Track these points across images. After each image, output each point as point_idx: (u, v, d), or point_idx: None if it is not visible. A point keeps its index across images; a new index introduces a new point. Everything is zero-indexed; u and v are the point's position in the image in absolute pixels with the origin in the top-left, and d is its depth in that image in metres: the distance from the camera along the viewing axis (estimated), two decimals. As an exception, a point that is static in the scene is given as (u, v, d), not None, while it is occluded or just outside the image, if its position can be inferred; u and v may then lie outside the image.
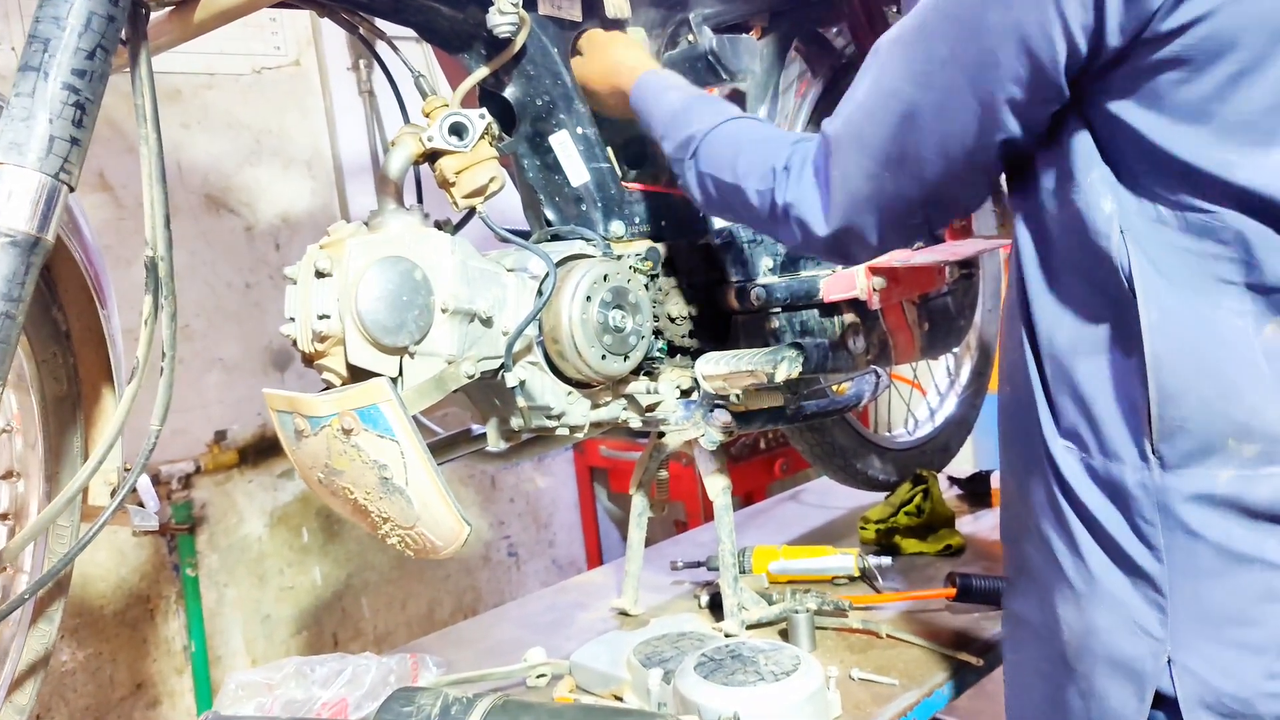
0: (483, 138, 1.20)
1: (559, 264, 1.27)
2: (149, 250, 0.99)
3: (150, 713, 2.40)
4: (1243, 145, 0.78)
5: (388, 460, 1.09)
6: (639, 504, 1.57)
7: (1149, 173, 0.82)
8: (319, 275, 1.12)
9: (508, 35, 1.21)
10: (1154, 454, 0.84)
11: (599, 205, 1.36)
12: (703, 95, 1.24)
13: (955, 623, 1.47)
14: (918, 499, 1.83)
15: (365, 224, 1.19)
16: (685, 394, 1.39)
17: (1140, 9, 0.76)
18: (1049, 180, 0.90)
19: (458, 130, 1.18)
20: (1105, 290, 0.86)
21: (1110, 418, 0.88)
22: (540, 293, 1.24)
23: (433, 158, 1.21)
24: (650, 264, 1.38)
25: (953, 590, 1.50)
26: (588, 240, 1.34)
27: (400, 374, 1.15)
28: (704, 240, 1.45)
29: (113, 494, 1.13)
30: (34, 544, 1.11)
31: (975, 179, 0.95)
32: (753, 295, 1.44)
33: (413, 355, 1.15)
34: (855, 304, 1.47)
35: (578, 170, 1.35)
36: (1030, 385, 0.93)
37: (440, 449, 1.43)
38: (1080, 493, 0.90)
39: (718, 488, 1.45)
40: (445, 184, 1.22)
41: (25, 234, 0.86)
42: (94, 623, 2.29)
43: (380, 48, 1.29)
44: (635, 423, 1.39)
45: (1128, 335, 0.85)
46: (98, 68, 0.91)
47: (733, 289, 1.46)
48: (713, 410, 1.40)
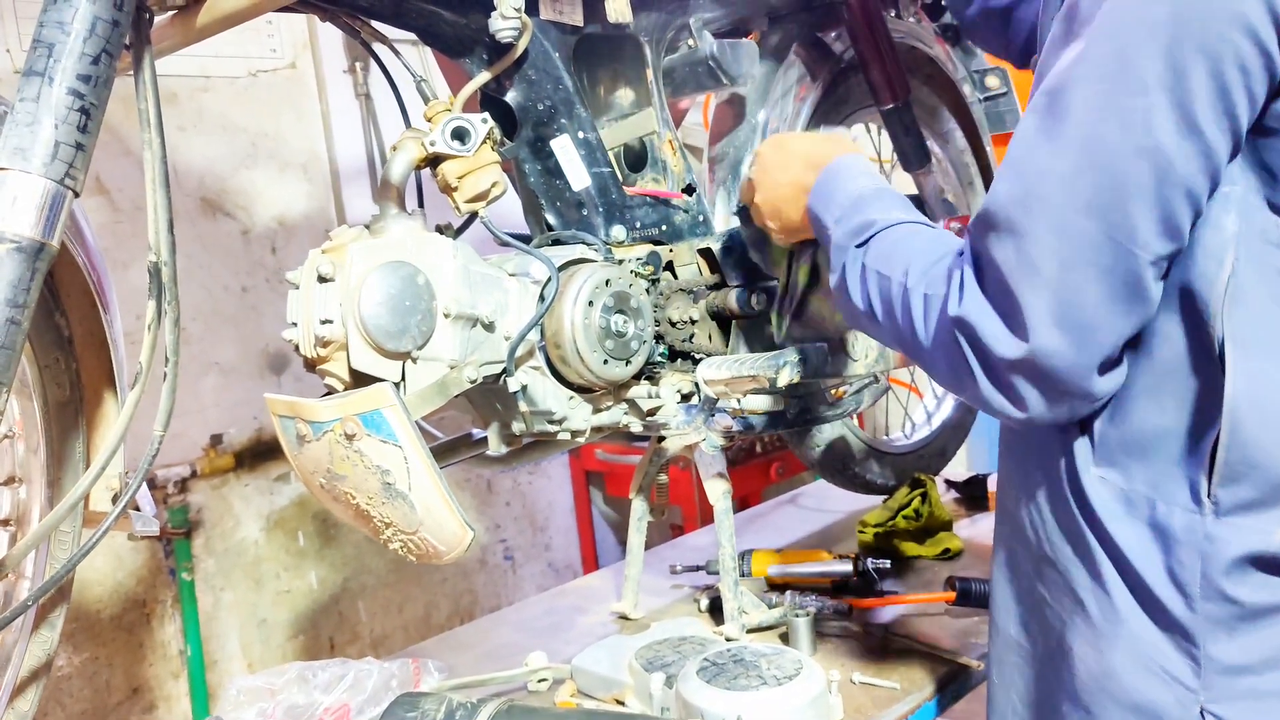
0: (485, 142, 1.20)
1: (560, 269, 1.27)
2: (152, 255, 0.99)
3: (146, 717, 2.39)
4: None
5: (390, 465, 1.09)
6: (639, 508, 1.57)
7: None
8: (321, 280, 1.12)
9: (510, 40, 1.20)
10: (1209, 497, 0.80)
11: (600, 210, 1.36)
12: (897, 192, 1.08)
13: (955, 626, 1.47)
14: (915, 503, 1.83)
15: (367, 228, 1.19)
16: (686, 398, 1.39)
17: None
18: None
19: (460, 135, 1.18)
20: (1188, 316, 0.81)
21: (1165, 452, 0.83)
22: (542, 298, 1.24)
23: (434, 162, 1.20)
24: (651, 268, 1.38)
25: (952, 594, 1.51)
26: (589, 245, 1.34)
27: (403, 379, 1.15)
28: (705, 245, 1.45)
29: (114, 500, 1.13)
30: (35, 550, 1.11)
31: (1190, 208, 0.79)
32: (753, 300, 1.44)
33: (415, 360, 1.15)
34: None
35: (579, 175, 1.35)
36: None
37: (441, 453, 1.43)
38: (1111, 527, 0.85)
39: (718, 492, 1.45)
40: (447, 189, 1.22)
41: (31, 240, 0.86)
42: (90, 627, 2.29)
43: (381, 52, 1.29)
44: (636, 427, 1.39)
45: (1205, 366, 0.80)
46: (102, 73, 0.90)
47: (733, 293, 1.46)
48: (713, 414, 1.40)
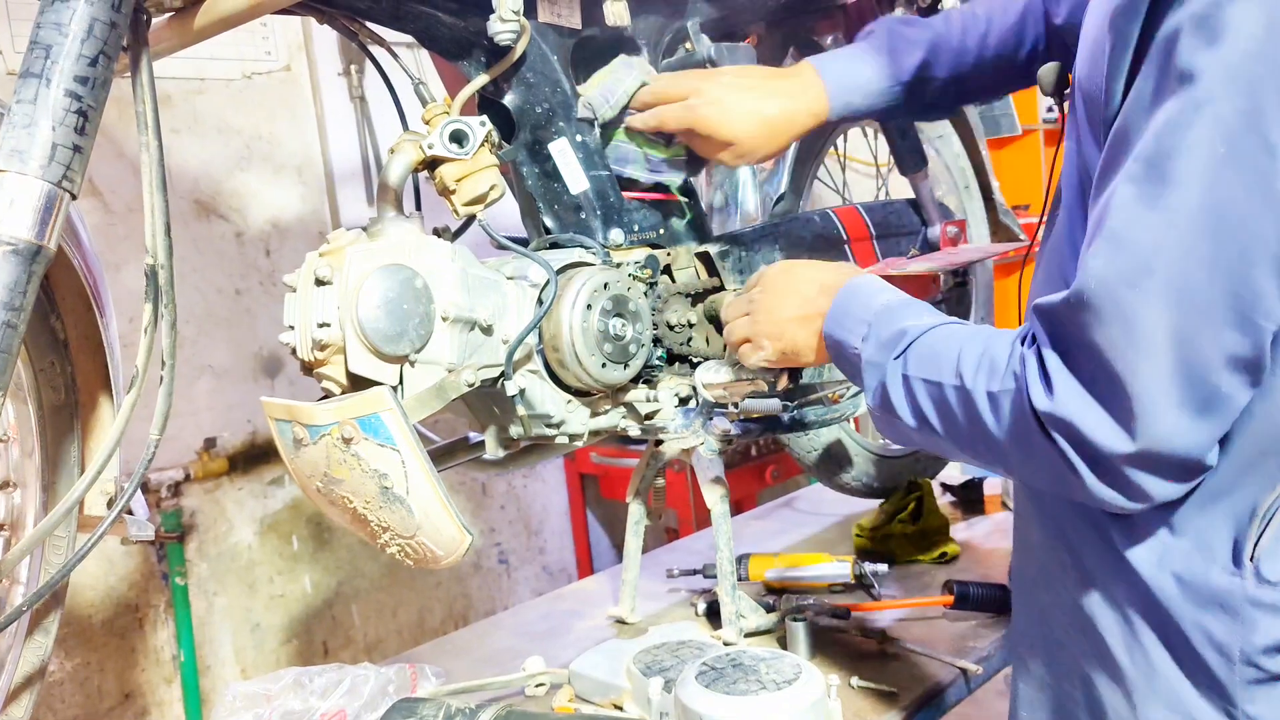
0: (483, 145, 1.20)
1: (559, 272, 1.27)
2: (149, 258, 0.98)
3: (138, 723, 2.38)
4: None
5: (388, 469, 1.09)
6: (636, 512, 1.57)
7: None
8: (319, 283, 1.11)
9: (508, 43, 1.20)
10: (1251, 560, 0.78)
11: (598, 213, 1.36)
12: (922, 300, 1.00)
13: (953, 630, 1.47)
14: (912, 506, 1.83)
15: (365, 231, 1.18)
16: (683, 402, 1.39)
17: None
18: None
19: (458, 137, 1.18)
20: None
21: (1213, 511, 0.79)
22: (540, 301, 1.24)
23: (432, 165, 1.20)
24: (649, 272, 1.38)
25: (950, 598, 1.51)
26: (587, 248, 1.34)
27: (400, 382, 1.14)
28: (702, 248, 1.45)
29: (109, 504, 1.13)
30: (30, 555, 1.10)
31: None
32: (751, 303, 1.43)
33: (413, 364, 1.14)
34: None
35: (577, 178, 1.34)
36: None
37: (438, 457, 1.42)
38: (1148, 575, 0.81)
39: (716, 495, 1.45)
40: (446, 191, 1.21)
41: (27, 242, 0.86)
42: (82, 632, 2.27)
43: (378, 54, 1.28)
44: (634, 431, 1.38)
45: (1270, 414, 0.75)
46: (100, 75, 0.90)
47: (731, 297, 1.46)
48: (711, 418, 1.40)
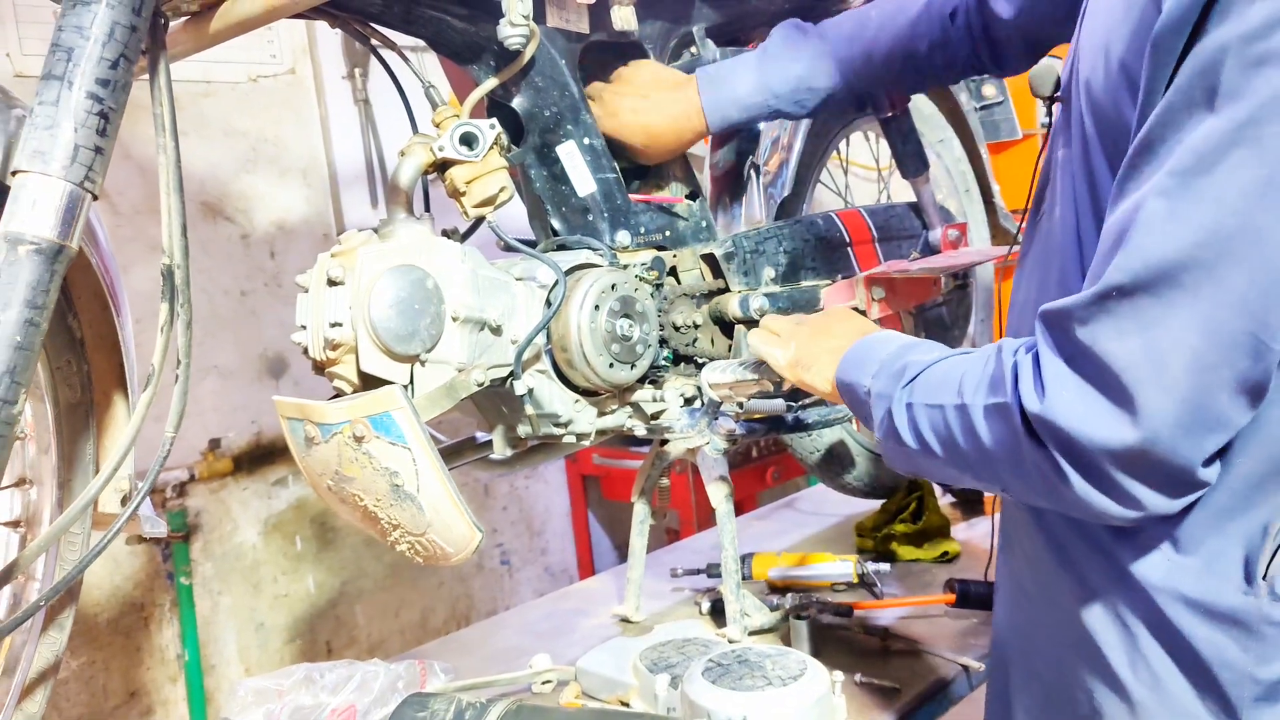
0: (493, 148, 1.21)
1: (567, 273, 1.28)
2: (165, 258, 1.00)
3: (143, 722, 2.39)
4: None
5: (399, 467, 1.10)
6: (641, 511, 1.58)
7: None
8: (331, 283, 1.13)
9: (518, 47, 1.22)
10: (1265, 579, 0.76)
11: (605, 215, 1.37)
12: (936, 343, 1.01)
13: (955, 627, 1.49)
14: (913, 507, 1.85)
15: (376, 233, 1.20)
16: (689, 402, 1.40)
17: None
18: None
19: (468, 140, 1.19)
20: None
21: (1225, 528, 0.78)
22: (549, 302, 1.26)
23: (443, 167, 1.22)
24: (656, 273, 1.40)
25: (952, 596, 1.52)
26: (594, 250, 1.35)
27: (411, 382, 1.16)
28: (708, 250, 1.46)
29: (124, 502, 1.14)
30: (45, 551, 1.11)
31: None
32: (754, 305, 1.45)
33: (424, 363, 1.16)
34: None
35: (584, 180, 1.36)
36: None
37: (446, 456, 1.43)
38: (1154, 591, 0.80)
39: (720, 495, 1.46)
40: (456, 193, 1.23)
41: (50, 242, 0.87)
42: (88, 631, 2.28)
43: (388, 57, 1.30)
44: (640, 430, 1.40)
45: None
46: (121, 77, 0.91)
47: (735, 298, 1.48)
48: (716, 418, 1.41)
